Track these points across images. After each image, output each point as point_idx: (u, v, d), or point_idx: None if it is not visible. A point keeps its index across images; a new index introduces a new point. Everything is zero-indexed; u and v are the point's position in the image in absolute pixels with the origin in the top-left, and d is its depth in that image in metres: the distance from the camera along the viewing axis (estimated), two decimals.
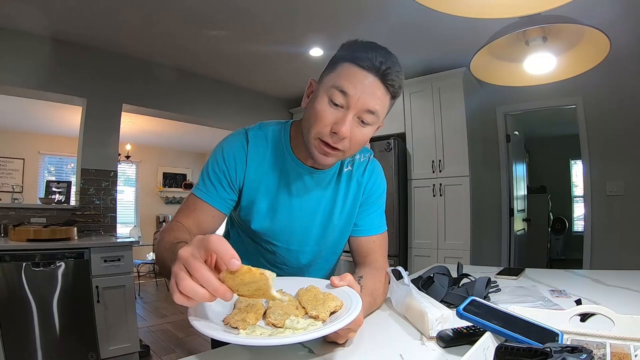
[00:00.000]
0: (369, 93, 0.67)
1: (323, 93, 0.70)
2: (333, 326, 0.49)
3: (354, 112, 0.68)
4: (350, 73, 0.67)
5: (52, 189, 3.01)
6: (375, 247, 0.91)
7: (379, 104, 0.68)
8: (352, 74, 0.67)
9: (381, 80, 0.67)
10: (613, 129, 3.02)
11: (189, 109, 3.63)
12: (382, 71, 0.67)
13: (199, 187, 0.81)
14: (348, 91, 0.66)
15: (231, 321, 0.53)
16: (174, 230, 0.72)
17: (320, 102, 0.70)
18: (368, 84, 0.67)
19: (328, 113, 0.69)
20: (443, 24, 2.51)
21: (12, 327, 2.04)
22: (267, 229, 0.85)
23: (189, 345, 3.05)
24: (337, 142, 0.69)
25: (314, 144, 0.72)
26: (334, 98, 0.68)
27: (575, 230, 6.16)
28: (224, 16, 2.55)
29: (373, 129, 0.73)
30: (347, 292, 0.60)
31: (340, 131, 0.67)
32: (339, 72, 0.69)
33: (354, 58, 0.68)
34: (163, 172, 6.93)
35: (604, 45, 1.07)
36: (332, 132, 0.68)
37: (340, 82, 0.67)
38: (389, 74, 0.67)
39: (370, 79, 0.67)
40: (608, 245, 3.01)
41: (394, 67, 0.68)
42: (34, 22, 2.56)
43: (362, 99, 0.67)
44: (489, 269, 1.35)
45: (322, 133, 0.70)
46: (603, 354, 0.49)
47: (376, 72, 0.67)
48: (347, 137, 0.69)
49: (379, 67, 0.66)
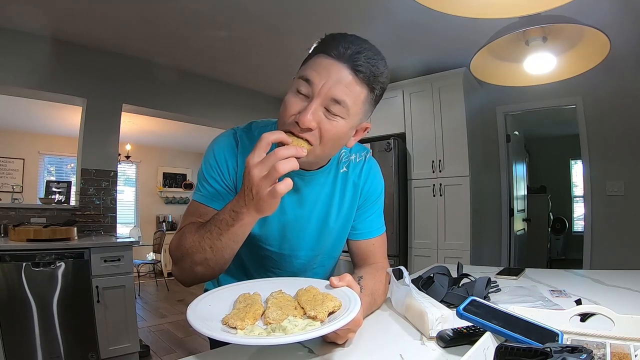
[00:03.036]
0: (335, 80, 0.63)
1: (292, 86, 0.68)
2: (331, 326, 0.49)
3: (318, 100, 0.64)
4: (317, 62, 0.65)
5: (52, 189, 3.01)
6: (375, 249, 0.90)
7: (346, 93, 0.64)
8: (319, 62, 0.65)
9: (349, 67, 0.64)
10: (613, 129, 3.02)
11: (189, 109, 3.63)
12: (348, 56, 0.63)
13: (199, 192, 0.80)
14: (312, 79, 0.64)
15: (230, 321, 0.53)
16: (190, 229, 0.70)
17: (288, 94, 0.68)
18: (334, 72, 0.64)
19: (293, 103, 0.66)
20: (443, 23, 2.51)
21: (12, 327, 2.04)
22: (257, 232, 0.82)
23: (189, 345, 3.05)
24: (301, 133, 0.64)
25: None
26: (299, 88, 0.65)
27: (575, 230, 6.16)
28: (224, 16, 2.55)
29: (346, 124, 0.67)
30: (346, 293, 0.60)
31: (301, 120, 0.62)
32: (307, 64, 0.67)
33: (324, 48, 0.66)
34: (163, 172, 6.93)
35: (604, 45, 1.07)
36: (296, 122, 0.64)
37: (306, 71, 0.66)
38: (357, 59, 0.63)
39: (336, 66, 0.64)
40: (608, 245, 3.01)
41: (363, 52, 0.64)
42: (34, 22, 2.56)
43: (326, 86, 0.63)
44: (489, 269, 1.35)
45: (286, 123, 0.66)
46: (603, 354, 0.49)
47: (343, 59, 0.64)
48: (315, 129, 0.64)
49: (344, 53, 0.63)
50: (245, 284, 0.68)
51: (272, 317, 0.54)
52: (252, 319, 0.54)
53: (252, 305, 0.57)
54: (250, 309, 0.56)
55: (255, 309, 0.56)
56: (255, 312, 0.56)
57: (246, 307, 0.57)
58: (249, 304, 0.58)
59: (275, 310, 0.56)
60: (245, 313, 0.55)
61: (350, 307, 0.54)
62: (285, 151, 0.57)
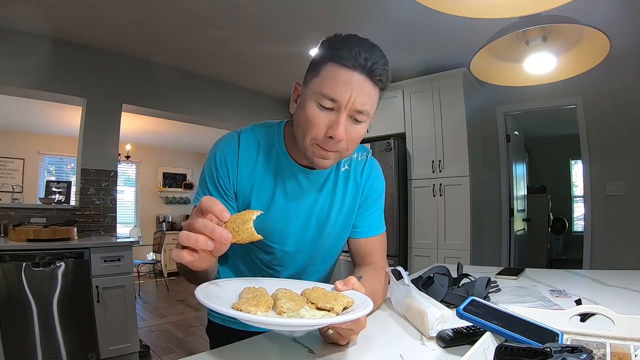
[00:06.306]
0: (358, 93, 0.65)
1: (311, 98, 0.68)
2: (356, 313, 0.49)
3: (345, 113, 0.66)
4: (335, 76, 0.65)
5: (52, 189, 3.01)
6: (375, 248, 0.90)
7: (368, 102, 0.67)
8: (338, 76, 0.65)
9: (368, 77, 0.65)
10: (613, 129, 3.02)
11: (189, 109, 3.63)
12: (369, 68, 0.64)
13: (199, 197, 0.80)
14: (336, 97, 0.65)
15: (242, 307, 0.50)
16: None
17: (310, 108, 0.68)
18: (356, 84, 0.65)
19: (320, 117, 0.67)
20: (443, 24, 2.51)
21: (12, 327, 2.04)
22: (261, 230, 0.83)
23: (189, 345, 3.05)
24: (334, 146, 0.69)
25: (311, 150, 0.70)
26: (323, 103, 0.66)
27: (575, 230, 6.16)
28: (224, 16, 2.55)
29: (367, 125, 0.72)
30: (354, 294, 0.60)
31: (336, 135, 0.66)
32: (323, 77, 0.66)
33: (337, 57, 0.65)
34: (163, 172, 6.93)
35: (604, 45, 1.07)
36: (328, 137, 0.67)
37: (326, 88, 0.65)
38: (376, 69, 0.65)
39: (356, 77, 0.65)
40: (608, 245, 3.01)
41: (379, 61, 0.66)
42: (34, 22, 2.56)
43: (351, 100, 0.65)
44: (489, 269, 1.35)
45: (317, 138, 0.68)
46: (603, 354, 0.49)
47: (362, 70, 0.64)
48: (344, 138, 0.68)
49: (365, 65, 0.64)
50: (249, 280, 0.67)
51: (285, 307, 0.53)
52: (265, 307, 0.52)
53: (262, 297, 0.56)
54: (261, 298, 0.54)
55: (266, 300, 0.55)
56: (267, 302, 0.54)
57: (256, 297, 0.55)
58: (257, 295, 0.56)
59: (288, 301, 0.55)
60: (257, 302, 0.53)
61: (362, 304, 0.54)
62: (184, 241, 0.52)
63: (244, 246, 0.90)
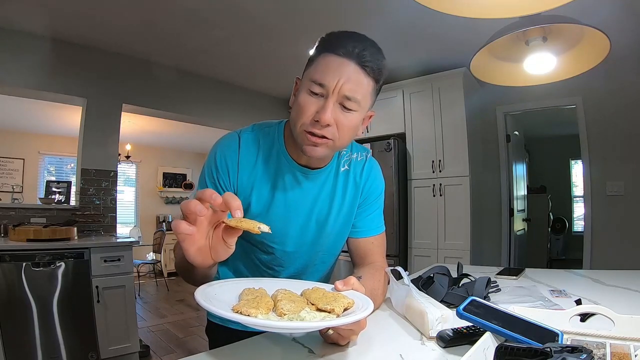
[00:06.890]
0: (347, 78, 0.67)
1: (303, 87, 0.71)
2: (357, 315, 0.49)
3: (334, 99, 0.68)
4: (326, 62, 0.68)
5: (52, 189, 3.01)
6: (374, 247, 0.91)
7: (357, 89, 0.68)
8: (329, 62, 0.68)
9: (358, 63, 0.67)
10: (613, 129, 3.02)
11: (189, 109, 3.63)
12: (357, 54, 0.67)
13: None
14: (325, 81, 0.67)
15: (242, 310, 0.50)
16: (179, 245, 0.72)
17: (301, 95, 0.70)
18: (345, 70, 0.67)
19: (309, 103, 0.69)
20: (443, 24, 2.51)
21: (12, 327, 2.04)
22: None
23: (188, 345, 3.05)
24: (322, 130, 0.69)
25: (301, 137, 0.71)
26: (313, 89, 0.68)
27: (575, 230, 6.16)
28: (224, 16, 2.55)
29: (359, 115, 0.72)
30: (354, 293, 0.60)
31: (322, 118, 0.67)
32: (316, 64, 0.70)
33: (330, 47, 0.69)
34: (163, 172, 6.93)
35: (604, 45, 1.07)
36: (315, 121, 0.68)
37: (317, 73, 0.68)
38: (364, 55, 0.67)
39: (346, 64, 0.67)
40: (608, 245, 3.01)
41: (368, 49, 0.68)
42: (34, 22, 2.56)
43: (339, 84, 0.67)
44: (489, 269, 1.35)
45: (305, 123, 0.70)
46: (603, 354, 0.49)
47: (351, 57, 0.67)
48: (333, 125, 0.69)
49: (352, 51, 0.67)
50: (248, 280, 0.67)
51: (286, 308, 0.53)
52: (265, 309, 0.52)
53: (262, 298, 0.55)
54: (261, 300, 0.54)
55: (266, 301, 0.55)
56: (267, 304, 0.54)
57: (256, 299, 0.55)
58: (257, 296, 0.56)
59: (288, 302, 0.55)
60: (257, 303, 0.53)
61: (363, 305, 0.54)
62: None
63: (244, 246, 0.90)
